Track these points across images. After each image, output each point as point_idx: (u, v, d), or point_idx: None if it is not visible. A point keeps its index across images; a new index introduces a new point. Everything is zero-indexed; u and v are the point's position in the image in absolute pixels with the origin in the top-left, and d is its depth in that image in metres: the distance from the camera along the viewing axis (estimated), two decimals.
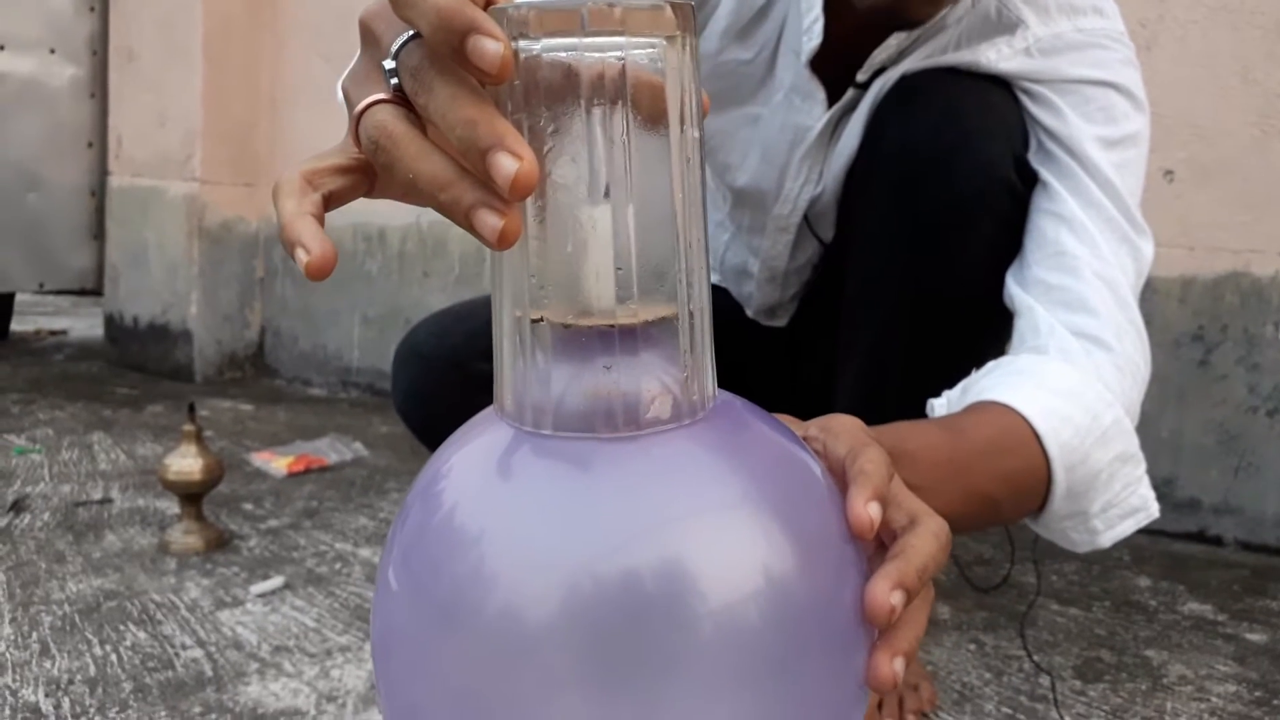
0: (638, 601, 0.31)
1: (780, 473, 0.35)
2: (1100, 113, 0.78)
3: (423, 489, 0.36)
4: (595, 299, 0.31)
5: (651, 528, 0.32)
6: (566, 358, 0.32)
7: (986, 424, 0.65)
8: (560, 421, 0.33)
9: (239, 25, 2.25)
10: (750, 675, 0.32)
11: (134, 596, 1.10)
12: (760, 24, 0.86)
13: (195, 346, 2.27)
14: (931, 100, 0.78)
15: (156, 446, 1.73)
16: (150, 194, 2.33)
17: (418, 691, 0.34)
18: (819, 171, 0.88)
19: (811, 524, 0.35)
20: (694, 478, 0.33)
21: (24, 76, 2.33)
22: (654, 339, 0.33)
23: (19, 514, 1.36)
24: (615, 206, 0.31)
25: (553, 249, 0.31)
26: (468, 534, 0.33)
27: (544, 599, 0.31)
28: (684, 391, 0.33)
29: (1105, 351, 0.72)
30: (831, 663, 0.34)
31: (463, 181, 0.30)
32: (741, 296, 1.04)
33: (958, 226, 0.77)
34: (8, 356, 2.55)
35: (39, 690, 0.88)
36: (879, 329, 0.83)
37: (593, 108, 0.30)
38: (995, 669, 0.99)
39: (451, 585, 0.32)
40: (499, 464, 0.34)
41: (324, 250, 0.32)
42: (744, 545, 0.32)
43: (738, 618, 0.31)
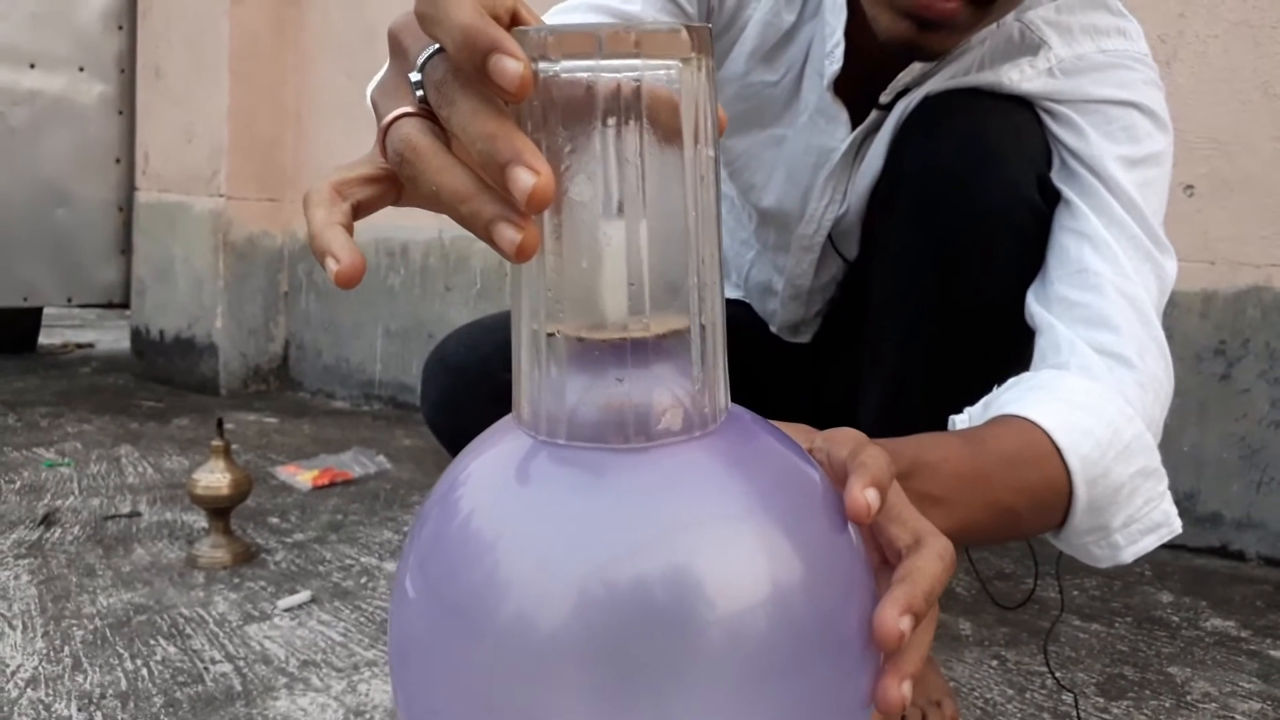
0: (647, 608, 0.31)
1: (788, 486, 0.36)
2: (1123, 132, 0.79)
3: (440, 496, 0.37)
4: (609, 313, 0.32)
5: (659, 536, 0.32)
6: (581, 369, 0.33)
7: (1007, 437, 0.65)
8: (574, 431, 0.34)
9: (265, 43, 2.28)
10: (756, 683, 0.32)
11: (163, 611, 1.11)
12: (786, 47, 0.87)
13: (220, 360, 2.30)
14: (954, 120, 0.79)
15: (183, 460, 1.75)
16: (177, 209, 2.36)
17: (435, 698, 0.35)
18: (843, 192, 0.89)
19: (818, 537, 0.35)
20: (702, 489, 0.34)
21: (54, 94, 2.36)
22: (666, 352, 0.33)
23: (49, 527, 1.38)
24: (629, 223, 0.32)
25: (568, 264, 0.32)
26: (483, 541, 0.34)
27: (557, 605, 0.32)
28: (695, 404, 0.34)
29: (1127, 368, 0.72)
30: (837, 676, 0.35)
31: (483, 195, 0.31)
32: (766, 313, 1.05)
33: (981, 245, 0.77)
34: (36, 369, 2.59)
35: (72, 704, 0.90)
36: (902, 346, 0.84)
37: (608, 127, 0.31)
38: (1018, 685, 0.99)
39: (467, 591, 0.33)
40: (514, 472, 0.35)
41: (353, 259, 0.33)
42: (750, 555, 0.33)
43: (745, 626, 0.32)
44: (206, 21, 2.27)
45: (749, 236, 1.02)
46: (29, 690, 0.92)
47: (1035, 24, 0.81)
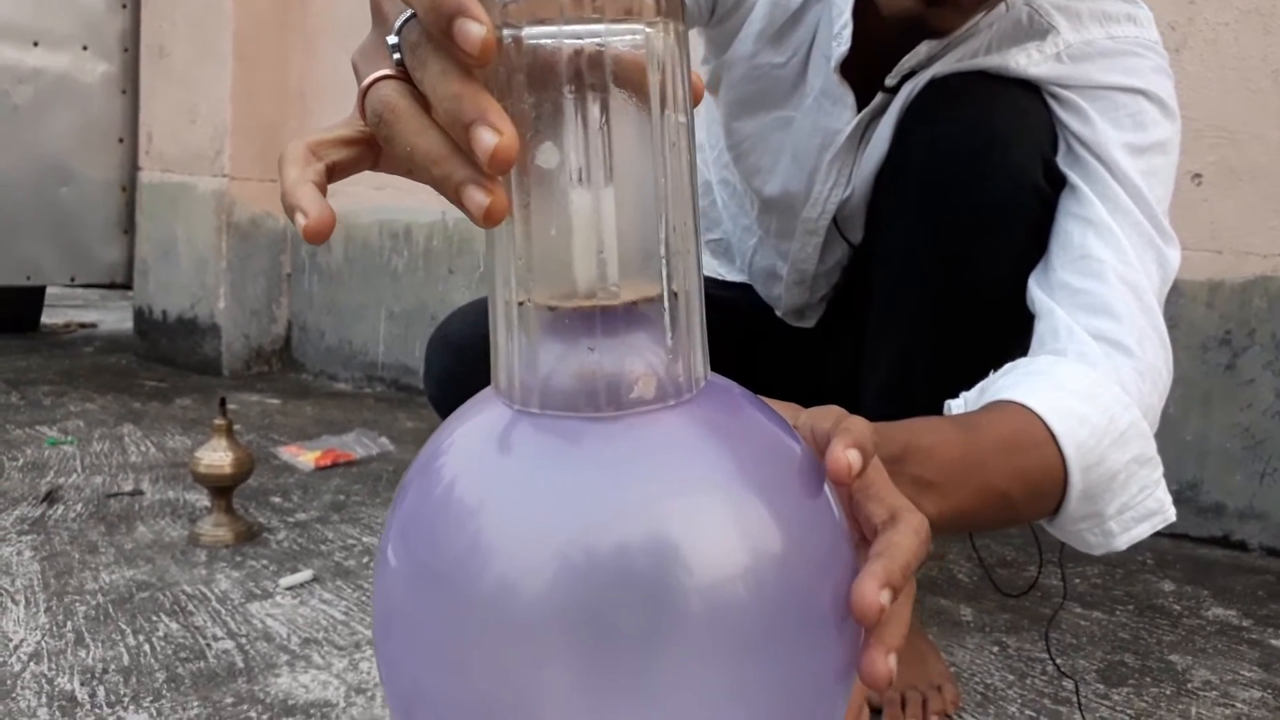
0: (624, 575, 0.31)
1: (767, 455, 0.36)
2: (1129, 119, 0.78)
3: (421, 466, 0.37)
4: (579, 281, 0.32)
5: (634, 504, 0.32)
6: (553, 338, 0.33)
7: (1002, 422, 0.65)
8: (547, 400, 0.34)
9: (268, 23, 2.27)
10: (735, 652, 0.32)
11: (165, 588, 1.11)
12: (794, 28, 0.87)
13: (223, 340, 2.30)
14: (960, 103, 0.79)
15: (185, 439, 1.75)
16: (180, 189, 2.36)
17: (416, 667, 0.35)
18: (848, 175, 0.89)
19: (798, 507, 0.35)
20: (677, 456, 0.34)
21: (57, 73, 2.36)
22: (639, 320, 0.33)
23: (52, 504, 1.38)
24: (596, 190, 0.32)
25: (537, 232, 0.32)
26: (463, 509, 0.34)
27: (537, 572, 0.32)
28: (669, 372, 0.34)
29: (1126, 356, 0.72)
30: (815, 647, 0.35)
31: (454, 158, 0.31)
32: (770, 298, 1.05)
33: (985, 229, 0.77)
34: (39, 349, 2.58)
35: (74, 679, 0.90)
36: (906, 330, 0.83)
37: (573, 93, 0.31)
38: (1018, 671, 0.99)
39: (448, 558, 0.33)
40: (492, 441, 0.35)
41: (321, 214, 0.33)
42: (727, 524, 0.33)
43: (723, 594, 0.32)
44: (210, 2, 2.26)
45: (751, 223, 1.02)
46: (31, 664, 0.92)
47: (1044, 8, 0.80)
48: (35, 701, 0.86)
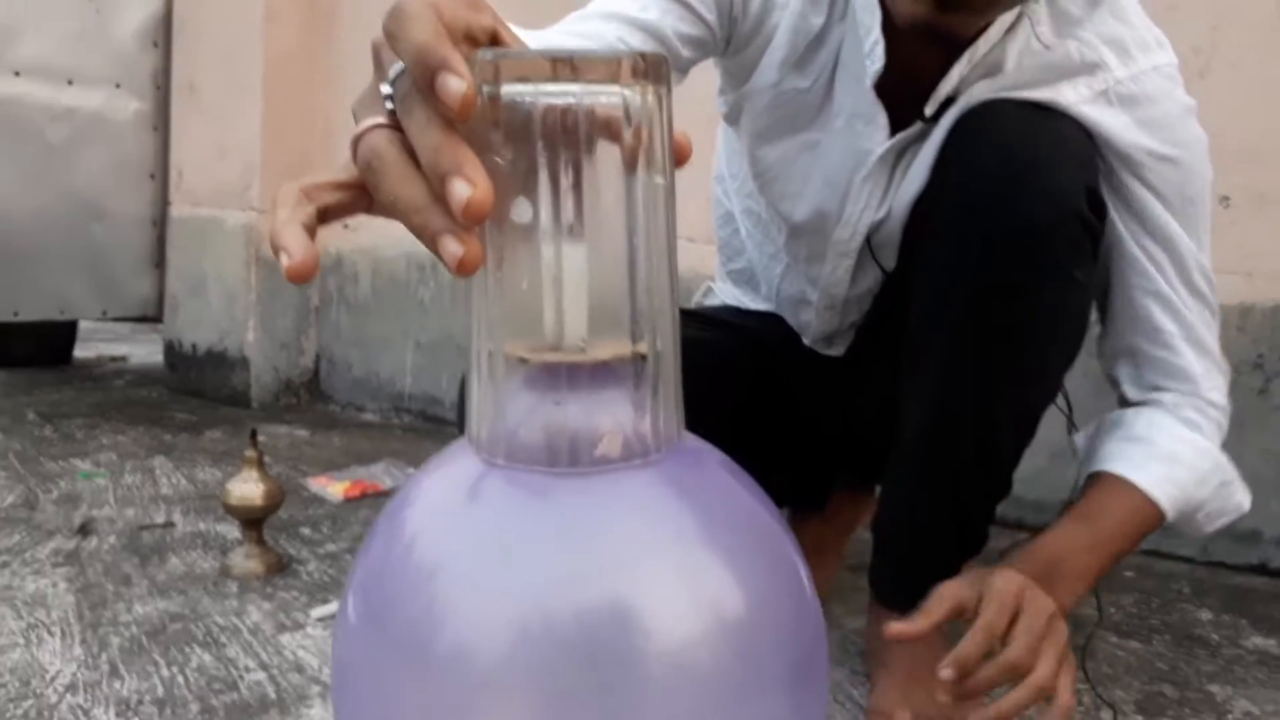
0: (582, 640, 0.31)
1: (733, 520, 0.36)
2: (1175, 187, 0.86)
3: (387, 518, 0.37)
4: (550, 335, 0.33)
5: (589, 568, 0.32)
6: (523, 390, 0.34)
7: (1116, 510, 0.84)
8: (514, 453, 0.34)
9: (296, 60, 2.31)
10: (697, 710, 0.32)
11: (198, 619, 1.12)
12: (817, 51, 0.87)
13: (252, 373, 2.32)
14: (1002, 130, 0.79)
15: (216, 471, 1.76)
16: (210, 224, 2.39)
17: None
18: (879, 196, 0.89)
19: (762, 574, 0.35)
20: (638, 518, 0.34)
21: (91, 111, 2.40)
22: (610, 377, 0.34)
23: (86, 536, 1.39)
24: (567, 246, 0.32)
25: (510, 284, 0.33)
26: (422, 570, 0.34)
27: (494, 636, 0.31)
28: (637, 431, 0.34)
29: (1201, 408, 0.89)
30: (779, 706, 0.34)
31: (434, 208, 0.32)
32: (799, 325, 1.05)
33: (1029, 256, 0.77)
34: (71, 382, 2.62)
35: (110, 710, 0.91)
36: (945, 362, 0.83)
37: (547, 151, 0.32)
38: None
39: (406, 620, 0.33)
40: (457, 494, 0.35)
41: (305, 255, 0.34)
42: (684, 589, 0.33)
43: (682, 658, 0.32)
44: (240, 39, 2.30)
45: (777, 251, 1.02)
46: (68, 696, 0.93)
47: (1092, 42, 0.82)
48: None
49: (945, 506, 0.87)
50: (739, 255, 1.11)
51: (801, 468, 1.14)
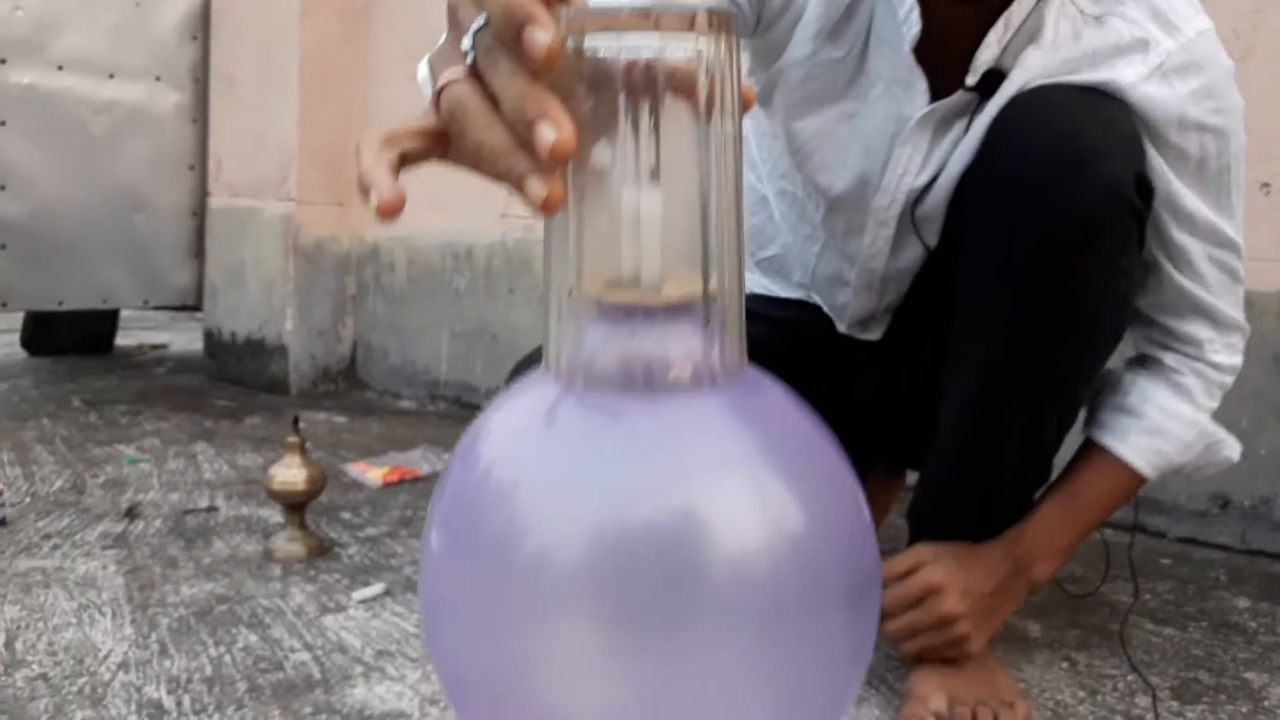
0: (653, 548, 0.34)
1: (794, 442, 0.38)
2: (1213, 157, 0.87)
3: (465, 448, 0.39)
4: (627, 274, 0.35)
5: (660, 482, 0.35)
6: (599, 323, 0.36)
7: (1100, 483, 0.93)
8: (590, 379, 0.36)
9: (333, 52, 2.33)
10: (754, 622, 0.34)
11: (243, 601, 1.15)
12: (850, 21, 0.88)
13: (290, 361, 2.35)
14: (1051, 117, 0.80)
15: (257, 457, 1.80)
16: (248, 214, 2.43)
17: (461, 645, 0.37)
18: (919, 161, 0.89)
19: (821, 490, 0.37)
20: (706, 437, 0.36)
21: (132, 103, 2.44)
22: (680, 312, 0.36)
23: (133, 520, 1.43)
24: (643, 190, 0.35)
25: (589, 225, 0.35)
26: (503, 487, 0.36)
27: (570, 544, 0.34)
28: (705, 360, 0.36)
29: (1205, 375, 0.93)
30: (831, 625, 0.36)
31: (517, 153, 0.33)
32: (835, 308, 1.05)
33: (1079, 245, 0.77)
34: (114, 370, 2.67)
35: (161, 688, 0.93)
36: (991, 352, 0.84)
37: (627, 99, 0.34)
38: (1089, 688, 0.98)
39: (488, 537, 0.35)
40: (535, 416, 0.38)
41: (395, 193, 0.36)
42: (748, 503, 0.35)
43: (744, 569, 0.34)
44: (277, 32, 2.33)
45: (814, 230, 1.02)
46: (120, 674, 0.96)
47: (1138, 20, 0.83)
48: (125, 709, 0.89)
49: (984, 495, 0.88)
50: (770, 243, 1.11)
51: None
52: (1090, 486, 0.92)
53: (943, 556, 0.89)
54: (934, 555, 0.89)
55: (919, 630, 0.88)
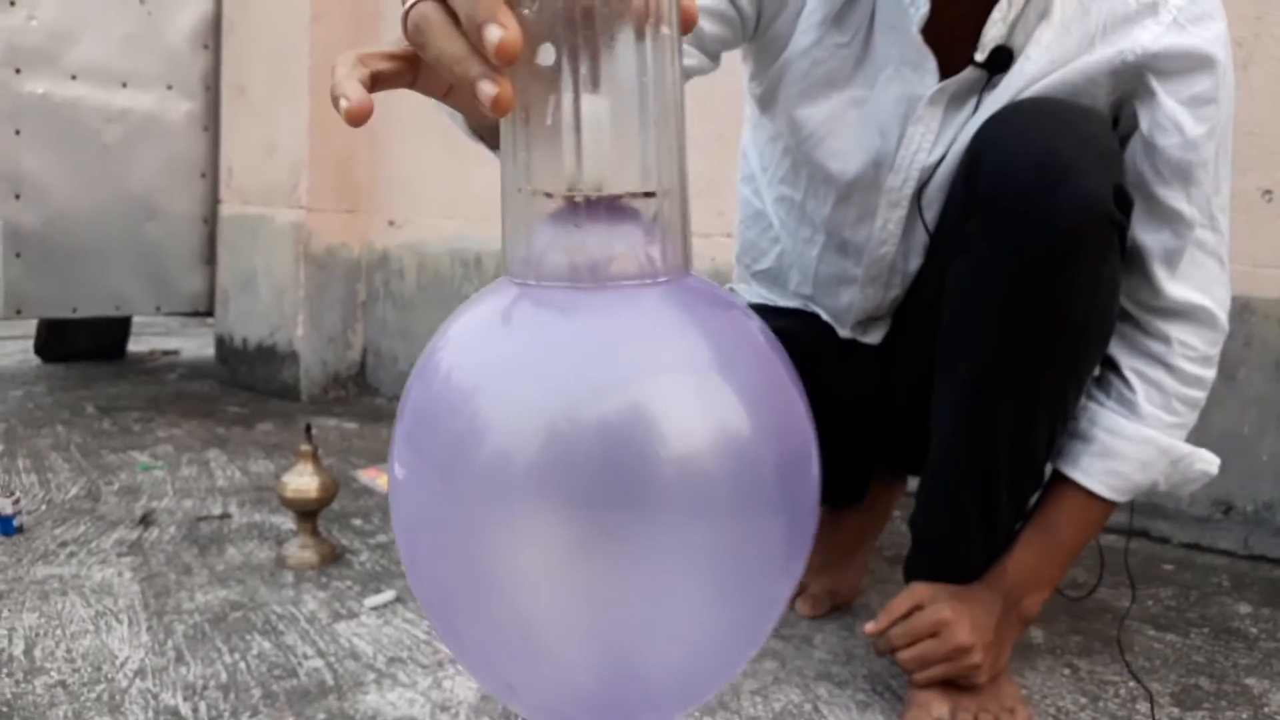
0: (605, 443, 0.36)
1: (734, 337, 0.41)
2: (1201, 108, 0.85)
3: (421, 366, 0.42)
4: (571, 173, 0.38)
5: (610, 380, 0.37)
6: (548, 221, 0.39)
7: (1068, 512, 0.93)
8: (542, 273, 0.39)
9: None
10: (700, 515, 0.37)
11: (257, 608, 1.17)
12: (853, 7, 0.90)
13: (301, 367, 2.37)
14: (1028, 135, 0.81)
15: (269, 464, 1.82)
16: (259, 221, 2.45)
17: (435, 562, 0.40)
18: (931, 139, 0.90)
19: (760, 387, 0.40)
20: (652, 333, 0.39)
21: (144, 112, 2.46)
22: (625, 210, 0.39)
23: (147, 527, 1.45)
24: (587, 94, 0.37)
25: (535, 126, 0.38)
26: (463, 390, 0.39)
27: (527, 442, 0.36)
28: (648, 255, 0.39)
29: (1166, 388, 0.92)
30: (770, 523, 0.40)
31: (472, 58, 0.37)
32: (837, 311, 1.05)
33: (1061, 262, 0.79)
34: (126, 376, 2.69)
35: (177, 694, 0.95)
36: (978, 360, 0.85)
37: (573, 8, 0.37)
38: (1090, 694, 1.00)
39: (450, 439, 0.38)
40: (493, 316, 0.40)
41: (361, 99, 0.39)
42: (693, 399, 0.38)
43: (690, 463, 0.36)
44: (287, 40, 2.35)
45: (813, 233, 1.03)
46: (138, 680, 0.98)
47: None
48: (143, 716, 0.91)
49: (977, 504, 0.89)
50: (765, 255, 1.12)
51: (839, 463, 1.16)
52: (1061, 516, 0.93)
53: (941, 594, 0.90)
54: (932, 594, 0.90)
55: (933, 661, 0.89)
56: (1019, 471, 0.88)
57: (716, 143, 1.75)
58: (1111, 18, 0.85)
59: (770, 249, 1.10)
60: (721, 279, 1.81)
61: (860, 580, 1.22)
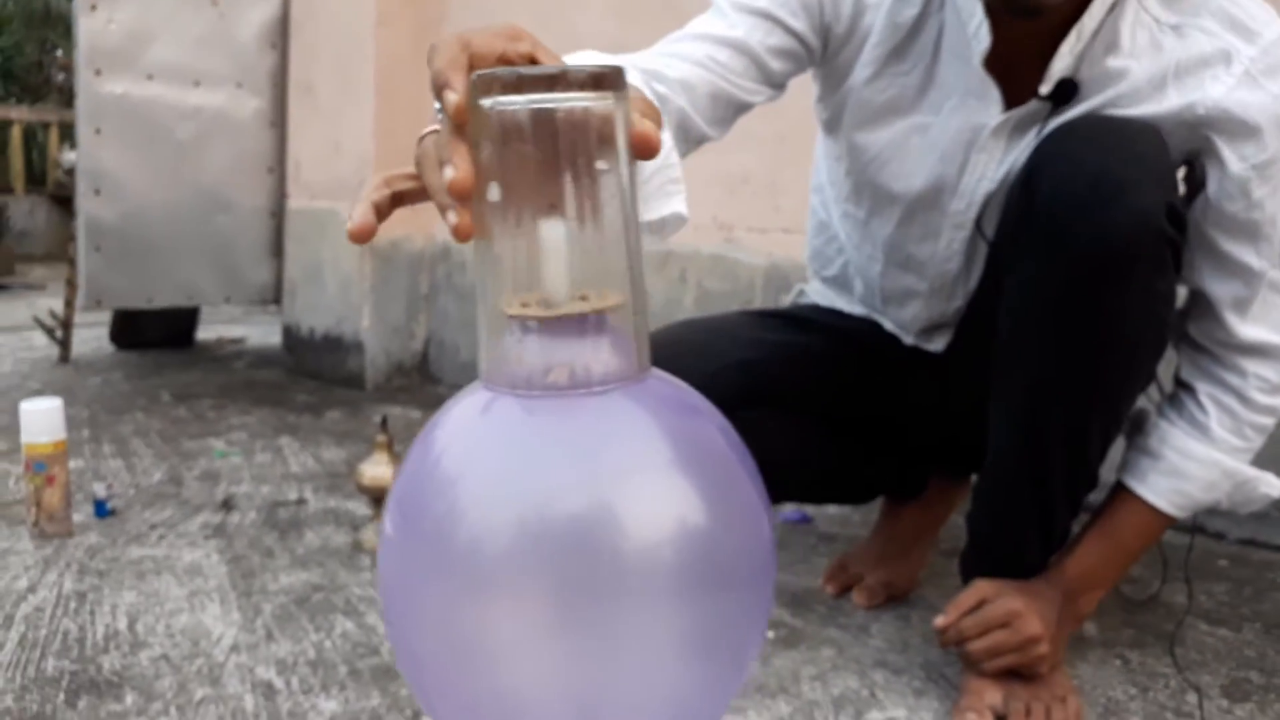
0: (572, 535, 0.40)
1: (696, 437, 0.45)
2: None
3: (418, 444, 0.47)
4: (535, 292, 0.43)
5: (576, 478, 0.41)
6: (516, 335, 0.44)
7: (1129, 522, 0.97)
8: (508, 380, 0.44)
9: (406, 61, 2.42)
10: (662, 595, 0.41)
11: (337, 590, 1.23)
12: (915, 40, 0.93)
13: (367, 357, 2.45)
14: (1083, 153, 0.83)
15: (340, 451, 1.89)
16: (325, 215, 2.52)
17: (411, 626, 0.44)
18: (994, 167, 0.93)
19: (719, 483, 0.44)
20: (617, 433, 0.43)
21: (215, 109, 2.55)
22: (586, 324, 0.43)
23: (229, 511, 1.52)
24: (543, 223, 0.42)
25: (497, 252, 0.43)
26: (445, 480, 0.44)
27: (500, 531, 0.41)
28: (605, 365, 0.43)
29: (1236, 411, 0.94)
30: (734, 598, 0.44)
31: (444, 190, 0.43)
32: (902, 320, 1.09)
33: (1114, 277, 0.81)
34: (196, 364, 2.79)
35: (270, 669, 1.02)
36: (1034, 371, 0.88)
37: (520, 146, 0.42)
38: (1141, 685, 1.03)
39: (432, 521, 0.43)
40: (468, 420, 0.45)
41: (365, 222, 0.48)
42: (660, 493, 0.42)
43: (651, 554, 0.41)
44: (353, 41, 2.42)
45: (874, 250, 1.07)
46: (233, 655, 1.04)
47: (1217, 31, 0.86)
48: (241, 688, 0.98)
49: (1033, 506, 0.93)
50: (831, 263, 1.16)
51: (898, 459, 1.20)
52: (1123, 524, 0.96)
53: (1006, 589, 0.93)
54: (997, 589, 0.93)
55: (1003, 651, 0.92)
56: (1073, 476, 0.91)
57: (777, 142, 1.78)
58: (1186, 59, 0.86)
59: (836, 258, 1.14)
60: (779, 274, 1.85)
61: (916, 574, 1.25)
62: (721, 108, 0.88)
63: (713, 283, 1.98)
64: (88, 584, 1.23)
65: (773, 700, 0.98)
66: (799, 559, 1.36)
